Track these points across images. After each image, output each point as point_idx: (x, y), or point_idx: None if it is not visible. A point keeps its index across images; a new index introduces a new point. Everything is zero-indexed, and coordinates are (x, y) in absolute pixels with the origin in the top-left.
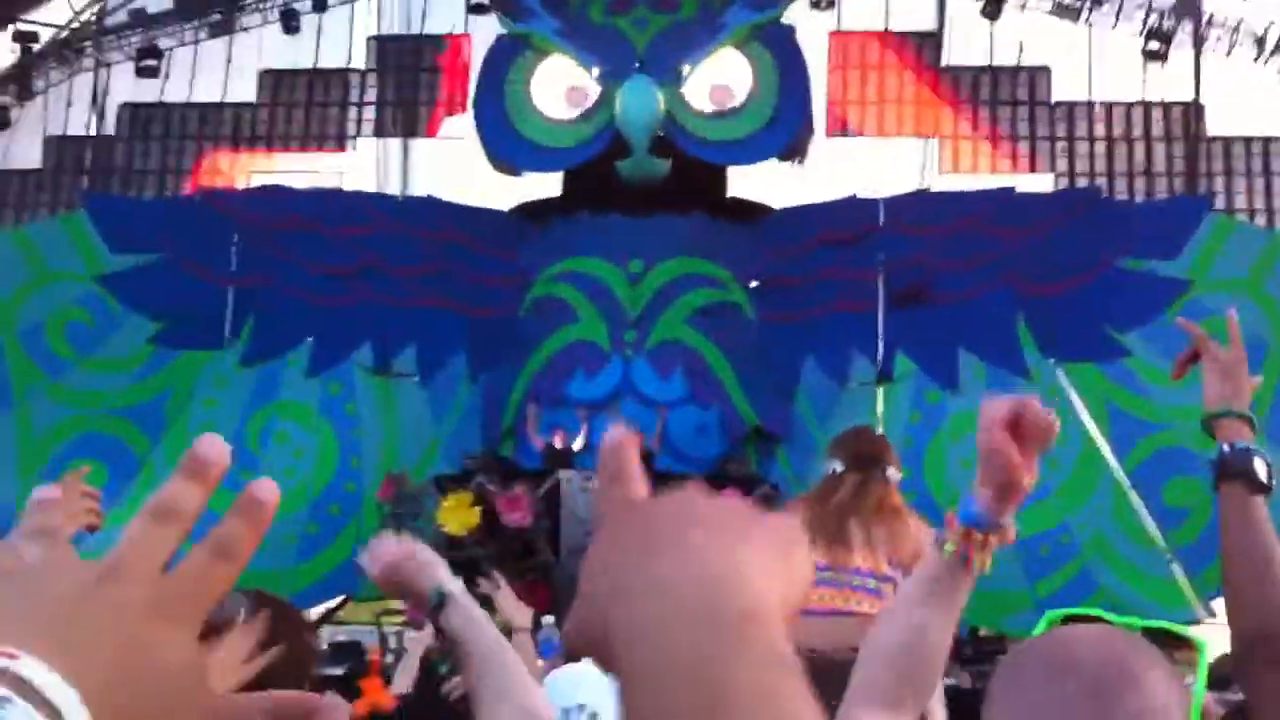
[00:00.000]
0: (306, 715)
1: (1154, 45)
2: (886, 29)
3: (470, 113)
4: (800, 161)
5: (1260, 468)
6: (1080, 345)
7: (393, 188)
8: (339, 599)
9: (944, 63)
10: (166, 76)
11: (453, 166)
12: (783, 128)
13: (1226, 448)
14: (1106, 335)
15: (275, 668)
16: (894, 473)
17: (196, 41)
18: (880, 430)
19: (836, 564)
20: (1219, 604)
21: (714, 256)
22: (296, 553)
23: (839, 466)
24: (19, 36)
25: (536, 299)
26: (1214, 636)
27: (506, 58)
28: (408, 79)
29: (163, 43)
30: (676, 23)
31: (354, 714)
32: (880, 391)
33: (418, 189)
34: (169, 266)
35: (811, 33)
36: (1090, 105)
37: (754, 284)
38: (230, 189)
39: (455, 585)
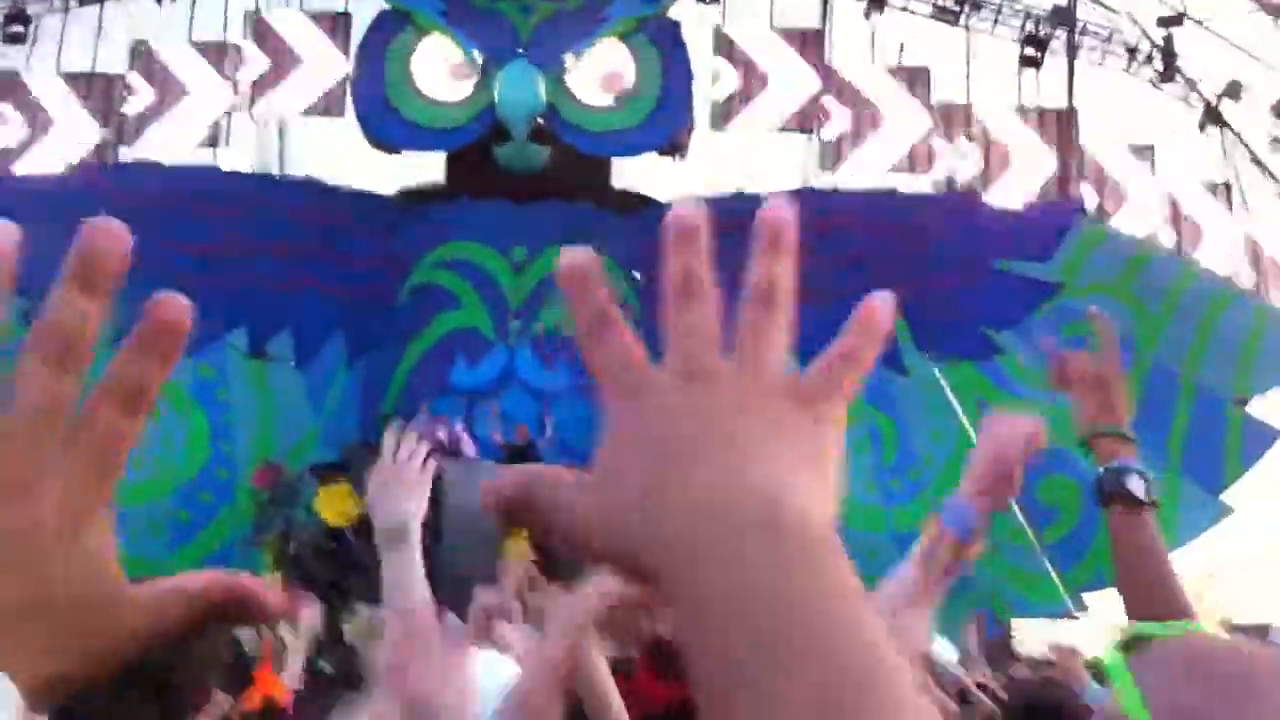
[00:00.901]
0: (238, 599)
1: (1030, 51)
2: (771, 25)
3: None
4: (681, 157)
5: (1137, 485)
6: (955, 343)
7: (270, 168)
8: None
9: (828, 60)
10: (34, 43)
11: (333, 147)
12: (664, 122)
13: (1102, 469)
14: (980, 334)
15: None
16: None
17: (66, 9)
18: None
19: None
20: (1090, 598)
21: (599, 246)
22: (168, 541)
23: None
24: None
25: (417, 285)
26: (1083, 631)
27: (388, 33)
28: (286, 56)
29: (31, 9)
30: (562, 11)
31: (245, 707)
32: None
33: (295, 170)
34: (39, 242)
35: (697, 26)
36: (968, 108)
37: (638, 276)
38: (100, 163)
39: (416, 533)
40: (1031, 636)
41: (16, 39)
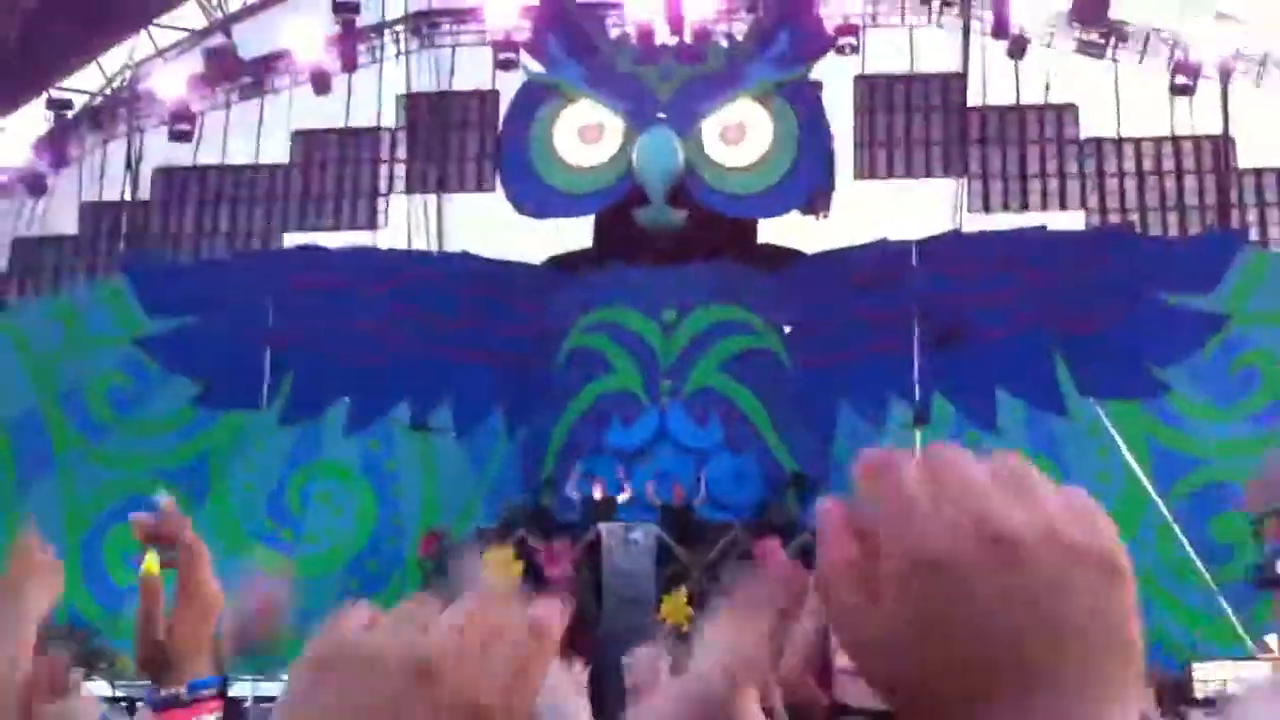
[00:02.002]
0: None
1: (1181, 79)
2: (912, 71)
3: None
4: (824, 216)
5: None
6: (1119, 382)
7: (427, 244)
8: None
9: (970, 103)
10: (199, 140)
11: (484, 221)
12: (801, 183)
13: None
14: (1145, 372)
15: None
16: None
17: (228, 105)
18: None
19: None
20: (1273, 639)
21: (746, 302)
22: (337, 610)
23: None
24: (52, 104)
25: (571, 350)
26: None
27: (532, 104)
28: (437, 135)
29: (195, 106)
30: (700, 75)
31: None
32: (918, 434)
33: (451, 245)
34: (206, 328)
35: (837, 76)
36: (1119, 141)
37: (787, 329)
38: (264, 250)
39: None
40: (1214, 676)
41: (183, 136)
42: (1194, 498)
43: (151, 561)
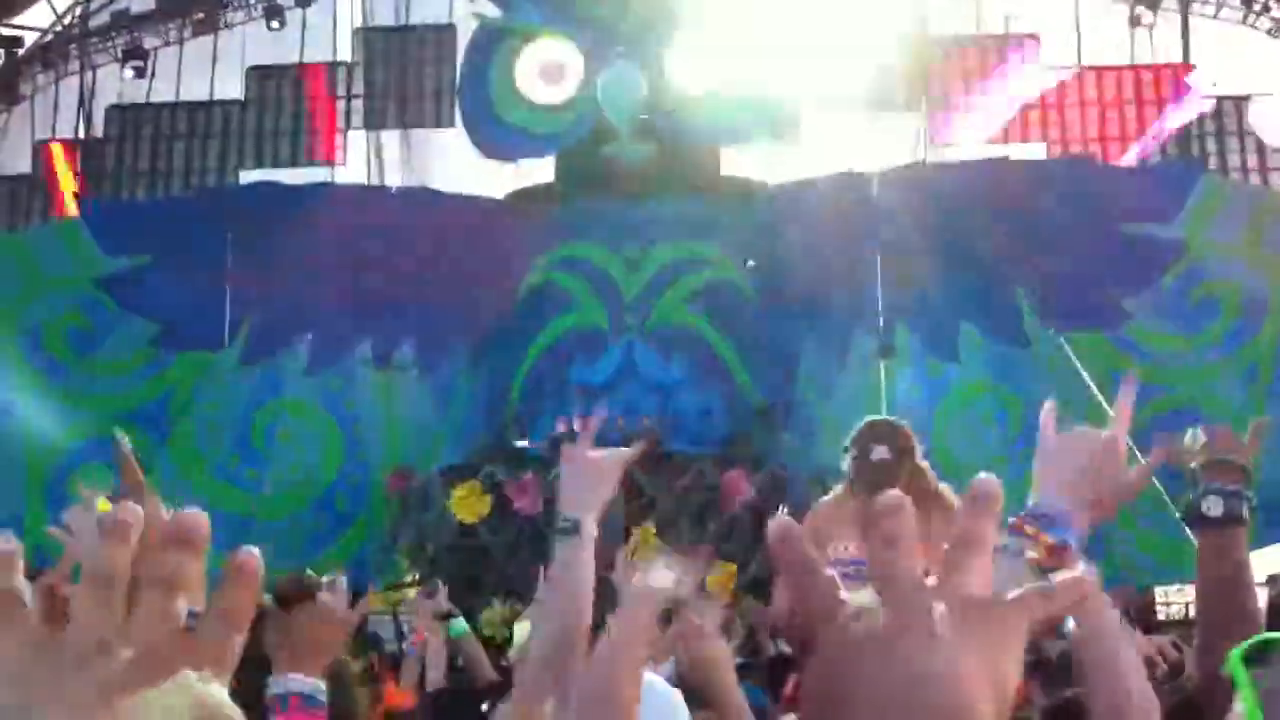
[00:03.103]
0: None
1: (1140, 10)
2: None
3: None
4: (791, 140)
5: (1213, 505)
6: (1080, 313)
7: (386, 181)
8: (353, 592)
9: (931, 33)
10: (153, 76)
11: (444, 156)
12: (770, 105)
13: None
14: (1106, 301)
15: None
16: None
17: (181, 41)
18: (883, 404)
19: None
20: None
21: (710, 237)
22: (308, 548)
23: (885, 453)
24: (2, 41)
25: (533, 286)
26: None
27: (490, 44)
28: (395, 70)
29: (147, 42)
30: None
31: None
32: (882, 366)
33: (411, 181)
34: (164, 268)
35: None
36: (1079, 71)
37: (751, 263)
38: (221, 187)
39: (590, 528)
40: (1176, 601)
41: (137, 73)
42: (1156, 422)
43: (104, 504)
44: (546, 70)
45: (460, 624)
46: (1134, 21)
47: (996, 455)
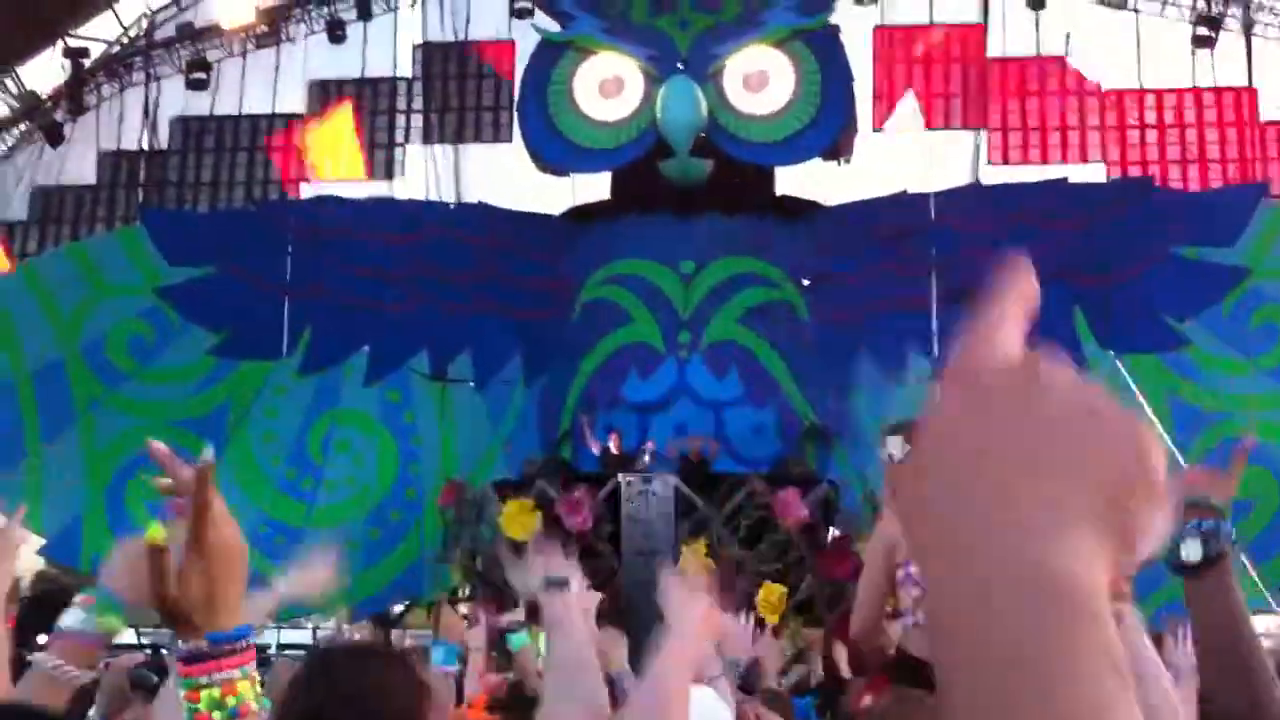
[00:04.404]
0: None
1: (1203, 30)
2: (931, 21)
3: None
4: (845, 161)
5: (1192, 550)
6: (1139, 336)
7: (443, 195)
8: (405, 604)
9: (990, 54)
10: (216, 89)
11: (501, 172)
12: (825, 128)
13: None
14: (1165, 325)
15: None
16: None
17: (244, 53)
18: None
19: None
20: None
21: (765, 255)
22: (361, 559)
23: None
24: (69, 52)
25: (588, 302)
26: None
27: (549, 60)
28: (454, 85)
29: (211, 55)
30: (719, 23)
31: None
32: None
33: (469, 195)
34: (226, 278)
35: (855, 28)
36: (1140, 93)
37: (806, 282)
38: (282, 199)
39: (576, 580)
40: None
41: (200, 85)
42: (1214, 453)
43: (155, 530)
44: (605, 86)
45: (521, 637)
46: (1196, 43)
47: None
